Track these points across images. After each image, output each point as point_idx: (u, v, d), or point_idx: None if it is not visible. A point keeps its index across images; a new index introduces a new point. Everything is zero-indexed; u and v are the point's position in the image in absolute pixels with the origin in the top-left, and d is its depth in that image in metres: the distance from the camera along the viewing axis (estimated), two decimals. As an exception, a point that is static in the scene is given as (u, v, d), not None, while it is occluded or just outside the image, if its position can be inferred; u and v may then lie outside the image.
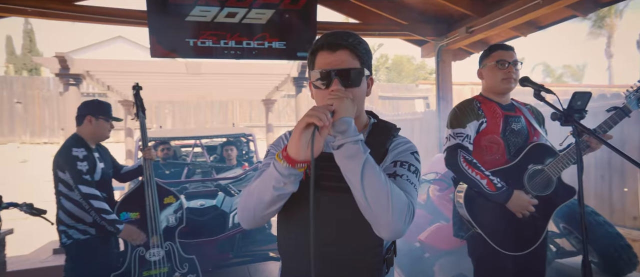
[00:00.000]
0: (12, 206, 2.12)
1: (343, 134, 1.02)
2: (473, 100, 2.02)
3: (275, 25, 3.62)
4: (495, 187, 1.83)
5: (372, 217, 1.01)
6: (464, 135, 1.92)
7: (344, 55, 1.10)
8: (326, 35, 1.14)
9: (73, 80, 4.91)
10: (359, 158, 1.00)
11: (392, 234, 1.01)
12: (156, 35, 3.37)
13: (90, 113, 2.55)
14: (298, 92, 5.83)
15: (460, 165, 1.87)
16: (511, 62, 1.97)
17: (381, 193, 0.99)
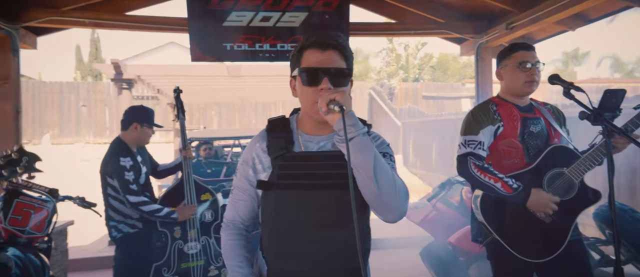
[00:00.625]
0: (67, 199, 2.36)
1: (353, 128, 1.05)
2: (489, 104, 1.96)
3: (309, 27, 3.69)
4: (511, 188, 1.77)
5: (380, 202, 1.06)
6: (475, 142, 1.86)
7: (334, 55, 1.12)
8: (314, 34, 1.15)
9: (126, 85, 5.29)
10: (370, 149, 1.05)
11: (398, 215, 1.08)
12: (196, 40, 3.57)
13: (137, 120, 2.74)
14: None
15: (472, 172, 1.81)
16: (534, 63, 1.88)
17: (389, 179, 1.06)
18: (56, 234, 3.74)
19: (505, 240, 1.82)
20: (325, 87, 1.08)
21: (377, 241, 5.06)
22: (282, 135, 1.17)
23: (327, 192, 1.11)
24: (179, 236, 2.75)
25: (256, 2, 3.58)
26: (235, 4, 3.56)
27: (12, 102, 3.62)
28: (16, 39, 3.64)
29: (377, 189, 1.04)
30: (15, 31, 3.63)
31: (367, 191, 1.07)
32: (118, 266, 2.75)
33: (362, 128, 1.07)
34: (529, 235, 1.80)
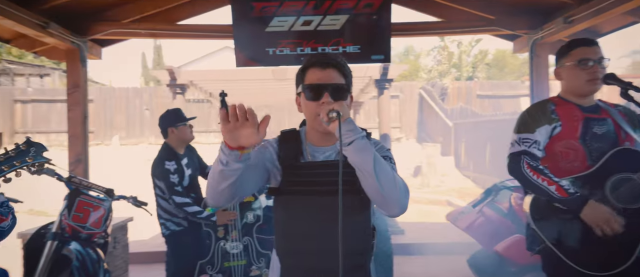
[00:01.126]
0: (122, 198, 2.56)
1: (352, 132, 1.16)
2: (547, 103, 1.84)
3: (350, 30, 3.69)
4: (567, 192, 1.64)
5: (383, 199, 1.16)
6: (531, 141, 1.76)
7: (333, 73, 1.27)
8: (315, 55, 1.36)
9: (179, 90, 5.62)
10: (369, 150, 1.16)
11: (400, 210, 1.19)
12: (240, 46, 3.70)
13: (169, 125, 2.91)
14: (380, 93, 5.81)
15: (524, 172, 1.71)
16: (596, 60, 1.74)
17: (389, 176, 1.16)
18: (118, 229, 4.07)
19: (559, 249, 1.70)
20: (326, 100, 1.22)
21: (423, 246, 4.96)
22: (292, 146, 1.31)
23: (329, 197, 1.21)
24: (222, 236, 2.87)
25: (297, 7, 3.64)
26: (277, 10, 3.64)
27: (81, 108, 3.99)
28: (84, 50, 4.01)
29: (379, 187, 1.14)
30: (84, 43, 3.99)
31: (369, 189, 1.17)
32: (168, 261, 2.93)
33: (360, 132, 1.17)
34: (588, 245, 1.66)
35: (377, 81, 5.73)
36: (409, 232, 5.64)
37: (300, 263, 1.27)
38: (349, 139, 1.15)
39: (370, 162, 1.13)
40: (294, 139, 1.33)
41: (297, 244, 1.27)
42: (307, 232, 1.25)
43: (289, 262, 1.29)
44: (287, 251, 1.29)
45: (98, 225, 2.28)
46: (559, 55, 1.88)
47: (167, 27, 4.09)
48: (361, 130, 1.19)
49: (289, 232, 1.28)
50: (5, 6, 3.03)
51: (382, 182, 1.13)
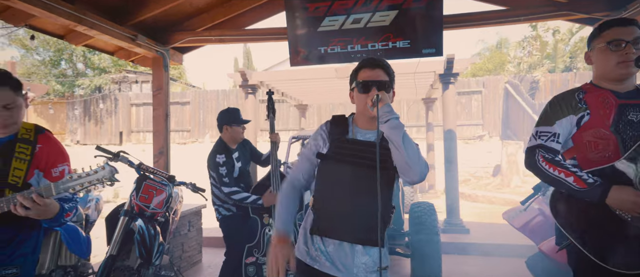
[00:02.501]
0: (182, 184, 2.94)
1: (389, 113, 1.48)
2: (575, 91, 1.71)
3: (399, 25, 3.68)
4: (586, 183, 1.52)
5: (408, 167, 1.45)
6: (549, 134, 1.66)
7: (380, 72, 1.61)
8: (367, 58, 1.66)
9: (251, 90, 6.08)
10: (400, 127, 1.48)
11: (421, 177, 1.46)
12: (294, 47, 3.93)
13: (225, 123, 3.21)
14: (444, 88, 5.61)
15: (540, 165, 1.63)
16: (630, 40, 1.58)
17: (414, 150, 1.47)
18: (193, 215, 4.60)
19: (583, 244, 1.59)
20: (374, 92, 1.54)
21: (487, 246, 4.71)
22: (340, 126, 1.65)
23: (362, 169, 1.54)
24: (267, 222, 3.12)
25: (347, 5, 3.75)
26: (328, 10, 3.79)
27: (163, 107, 4.59)
28: (167, 58, 4.60)
29: (406, 157, 1.44)
30: (167, 52, 4.59)
31: (398, 159, 1.46)
32: (225, 243, 3.27)
33: (395, 114, 1.49)
34: (614, 239, 1.53)
35: (442, 76, 5.55)
36: (475, 232, 5.38)
37: (329, 216, 1.56)
38: (386, 117, 1.47)
39: (400, 136, 1.45)
40: (343, 122, 1.66)
41: (327, 202, 1.57)
42: (339, 194, 1.55)
43: (321, 215, 1.58)
44: (320, 206, 1.59)
45: (160, 206, 2.67)
46: (590, 38, 1.74)
47: (234, 33, 4.50)
48: (396, 113, 1.51)
49: (323, 191, 1.59)
50: (101, 23, 3.65)
51: (408, 153, 1.44)
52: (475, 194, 8.85)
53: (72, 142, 18.38)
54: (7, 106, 1.52)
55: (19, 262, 1.54)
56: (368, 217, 1.50)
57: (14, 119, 1.56)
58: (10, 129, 1.56)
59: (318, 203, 1.60)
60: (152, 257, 2.46)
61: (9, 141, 1.56)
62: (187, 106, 17.27)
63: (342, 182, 1.55)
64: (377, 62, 1.63)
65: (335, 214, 1.55)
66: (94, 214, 3.37)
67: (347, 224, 1.53)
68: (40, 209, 1.40)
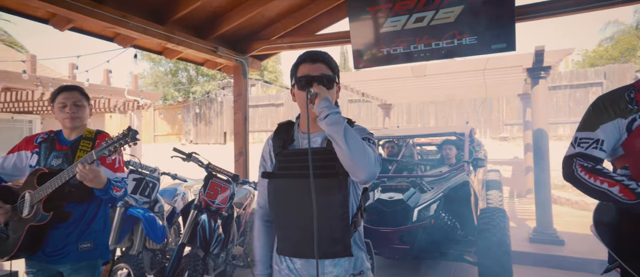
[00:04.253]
0: (245, 183, 3.22)
1: (327, 109, 1.35)
2: (626, 90, 1.47)
3: (465, 20, 3.49)
4: (634, 193, 1.31)
5: (353, 164, 1.31)
6: (590, 141, 1.46)
7: (321, 66, 1.47)
8: (306, 52, 1.50)
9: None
10: (340, 122, 1.33)
11: (368, 176, 1.32)
12: (357, 50, 3.98)
13: None
14: (534, 84, 5.08)
15: (578, 176, 1.43)
16: None
17: (359, 145, 1.32)
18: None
19: (633, 267, 1.39)
20: (316, 89, 1.39)
21: (583, 261, 4.16)
22: (282, 136, 1.54)
23: (305, 179, 1.39)
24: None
25: (409, 5, 3.67)
26: (390, 11, 3.76)
27: (243, 111, 5.03)
28: (245, 66, 5.03)
29: (349, 153, 1.30)
30: (245, 60, 5.02)
31: (342, 157, 1.33)
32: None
33: (334, 108, 1.36)
34: None
35: (530, 70, 5.03)
36: (571, 244, 4.78)
37: (287, 235, 1.48)
38: (324, 114, 1.34)
39: (340, 132, 1.31)
40: (285, 130, 1.55)
41: (282, 220, 1.49)
42: (292, 210, 1.45)
43: (280, 235, 1.51)
44: (277, 226, 1.51)
45: (224, 202, 2.98)
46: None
47: (303, 39, 4.72)
48: (335, 107, 1.38)
49: (276, 210, 1.50)
50: (186, 39, 4.17)
51: (352, 150, 1.30)
52: (585, 200, 7.79)
53: (187, 141, 20.89)
54: (76, 103, 1.95)
55: (92, 237, 1.94)
56: (329, 229, 1.40)
57: (79, 115, 1.95)
58: (76, 124, 1.97)
59: (277, 224, 1.51)
60: (210, 247, 2.77)
61: (76, 140, 1.99)
62: (281, 108, 18.33)
63: (291, 199, 1.45)
64: (317, 55, 1.47)
65: (293, 232, 1.46)
66: (180, 206, 3.87)
67: (307, 240, 1.40)
68: (91, 175, 1.74)
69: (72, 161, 1.90)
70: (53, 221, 1.82)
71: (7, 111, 8.63)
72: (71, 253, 1.89)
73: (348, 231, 1.42)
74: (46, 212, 1.81)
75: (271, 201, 1.51)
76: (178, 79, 23.69)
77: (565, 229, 5.37)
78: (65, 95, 1.94)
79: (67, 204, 1.87)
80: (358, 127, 1.53)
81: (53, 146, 1.96)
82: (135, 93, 8.51)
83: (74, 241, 1.89)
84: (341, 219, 1.41)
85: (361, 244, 1.50)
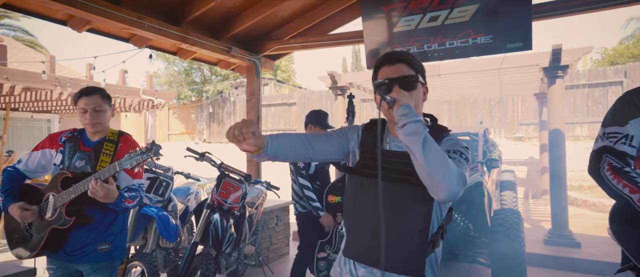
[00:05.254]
0: (257, 182, 3.24)
1: (405, 117, 1.22)
2: None
3: (480, 19, 3.44)
4: None
5: (431, 181, 1.19)
6: (619, 135, 1.39)
7: (402, 67, 1.35)
8: (385, 54, 1.40)
9: (340, 91, 6.26)
10: (419, 133, 1.19)
11: (448, 195, 1.18)
12: (370, 49, 3.96)
13: (311, 122, 3.38)
14: (551, 83, 4.98)
15: (603, 173, 1.38)
16: None
17: (439, 161, 1.18)
18: (281, 210, 4.97)
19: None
20: (395, 92, 1.28)
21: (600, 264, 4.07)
22: (373, 133, 1.43)
23: (394, 184, 1.33)
24: (340, 221, 3.23)
25: (423, 4, 3.64)
26: (404, 10, 3.74)
27: (255, 111, 5.06)
28: (258, 66, 5.06)
29: (426, 167, 1.17)
30: (258, 60, 5.05)
31: (420, 171, 1.20)
32: (299, 237, 3.50)
33: (414, 116, 1.22)
34: None
35: (546, 69, 4.94)
36: (587, 247, 4.68)
37: (357, 238, 1.40)
38: (402, 122, 1.22)
39: (418, 143, 1.18)
40: (377, 128, 1.41)
41: (355, 221, 1.41)
42: (368, 211, 1.35)
43: (350, 236, 1.44)
44: (350, 224, 1.44)
45: (236, 201, 3.00)
46: None
47: (316, 39, 4.72)
48: (416, 115, 1.23)
49: (353, 208, 1.42)
50: (200, 39, 4.21)
51: (430, 164, 1.17)
52: (602, 202, 7.62)
53: (200, 141, 21.11)
54: (96, 109, 1.95)
55: (110, 239, 1.98)
56: (404, 241, 1.30)
57: (99, 120, 1.97)
58: (97, 129, 2.00)
59: (347, 223, 1.45)
60: (222, 246, 2.80)
61: (99, 142, 2.02)
62: (293, 107, 18.37)
63: (370, 200, 1.35)
64: (396, 55, 1.36)
65: (365, 237, 1.37)
66: (193, 205, 3.91)
67: (378, 248, 1.32)
68: (101, 192, 1.76)
69: (95, 164, 1.94)
70: (75, 224, 1.86)
71: (27, 110, 8.86)
72: (90, 253, 1.93)
73: (425, 249, 1.32)
74: (68, 217, 1.85)
75: (347, 200, 1.45)
76: (192, 78, 23.96)
77: (582, 231, 5.26)
78: (86, 101, 1.96)
79: (89, 208, 1.90)
80: (451, 137, 1.39)
81: (77, 146, 1.99)
82: (150, 93, 8.63)
83: (93, 242, 1.94)
84: (420, 235, 1.31)
85: (436, 268, 1.39)
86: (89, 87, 2.04)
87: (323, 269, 3.28)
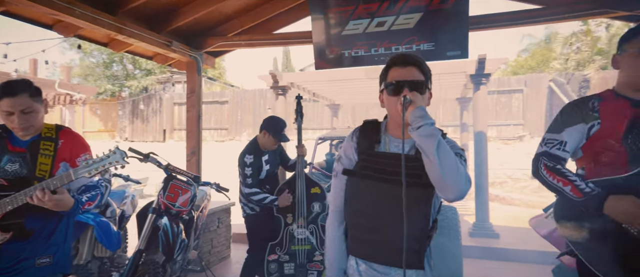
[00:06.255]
0: (206, 184, 3.10)
1: (421, 119, 1.28)
2: (591, 99, 1.65)
3: (424, 27, 3.66)
4: (582, 192, 1.49)
5: (443, 182, 1.26)
6: (555, 141, 1.63)
7: (413, 70, 1.39)
8: (397, 55, 1.45)
9: (281, 91, 6.22)
10: (435, 135, 1.27)
11: (458, 195, 1.27)
12: (318, 50, 4.01)
13: (266, 128, 3.31)
14: (476, 89, 5.46)
15: (542, 173, 1.61)
16: None
17: (452, 162, 1.26)
18: (222, 212, 4.81)
19: (583, 253, 1.56)
20: (407, 94, 1.34)
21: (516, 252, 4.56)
22: (370, 135, 1.47)
23: (392, 185, 1.37)
24: (290, 222, 3.22)
25: (371, 9, 3.77)
26: (352, 14, 3.84)
27: (196, 109, 4.83)
28: (200, 62, 4.83)
29: (440, 170, 1.24)
30: (200, 56, 4.82)
31: (432, 172, 1.27)
32: (248, 239, 3.42)
33: (429, 119, 1.29)
34: (614, 251, 1.49)
35: (473, 76, 5.41)
36: (505, 237, 5.22)
37: (361, 237, 1.45)
38: (417, 124, 1.27)
39: (433, 146, 1.24)
40: (373, 129, 1.49)
41: (358, 221, 1.45)
42: (369, 212, 1.41)
43: (354, 234, 1.48)
44: (351, 225, 1.48)
45: (185, 204, 2.84)
46: (621, 41, 1.64)
47: (262, 37, 4.65)
48: (431, 118, 1.30)
49: (355, 209, 1.46)
50: (139, 31, 3.91)
51: (443, 166, 1.24)
52: (511, 196, 8.53)
53: (121, 139, 19.55)
54: (24, 111, 1.67)
55: (51, 251, 1.73)
56: (401, 238, 1.33)
57: (30, 123, 1.70)
58: (29, 131, 1.74)
59: (349, 223, 1.49)
60: (174, 253, 2.63)
61: (33, 140, 1.74)
62: (225, 105, 17.83)
63: (371, 201, 1.41)
64: (409, 58, 1.40)
65: (366, 235, 1.43)
66: (130, 210, 3.62)
67: (379, 245, 1.40)
68: (50, 204, 1.55)
69: (32, 168, 1.68)
70: (12, 239, 1.61)
71: None
72: (27, 270, 1.67)
73: (424, 244, 1.40)
74: (4, 232, 1.59)
75: (349, 200, 1.47)
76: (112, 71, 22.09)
77: (498, 223, 5.85)
78: (10, 103, 1.65)
79: (29, 219, 1.64)
80: (449, 140, 1.44)
81: (4, 147, 1.70)
82: (67, 86, 7.79)
83: (30, 256, 1.68)
84: (421, 231, 1.37)
85: (429, 259, 1.46)
86: (11, 83, 1.70)
87: (274, 271, 3.25)
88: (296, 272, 3.22)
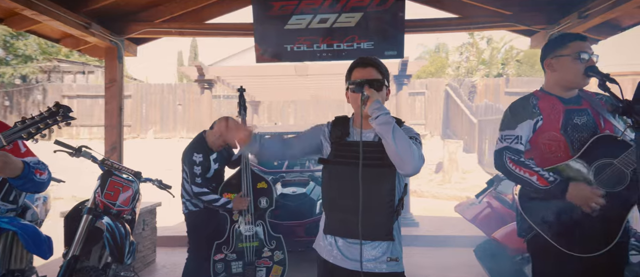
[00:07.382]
0: (148, 181, 2.83)
1: (378, 110, 1.54)
2: (530, 97, 1.92)
3: (364, 26, 3.83)
4: (547, 181, 1.74)
5: (400, 160, 1.50)
6: (512, 137, 1.86)
7: (372, 71, 1.66)
8: (359, 58, 1.71)
9: (207, 85, 5.94)
10: (390, 122, 1.52)
11: (413, 170, 1.51)
12: (260, 43, 3.93)
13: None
14: (398, 89, 5.90)
15: (508, 167, 1.82)
16: (591, 54, 1.82)
17: (406, 143, 1.51)
18: (147, 213, 4.41)
19: (547, 233, 1.79)
20: (367, 91, 1.59)
21: (436, 238, 5.04)
22: (340, 128, 1.71)
23: (363, 167, 1.58)
24: (237, 219, 3.11)
25: (314, 5, 3.82)
26: (295, 9, 3.84)
27: (117, 101, 4.35)
28: (121, 48, 4.36)
29: (396, 149, 1.49)
30: (121, 42, 4.35)
31: (391, 153, 1.52)
32: (188, 239, 3.20)
33: (384, 110, 1.55)
34: (574, 229, 1.74)
35: (396, 77, 5.82)
36: (424, 225, 5.72)
37: (337, 215, 1.66)
38: (375, 114, 1.53)
39: (389, 131, 1.50)
40: (343, 123, 1.73)
41: (334, 201, 1.67)
42: (343, 193, 1.63)
43: (329, 214, 1.70)
44: (328, 205, 1.70)
45: (126, 203, 2.56)
46: (552, 47, 1.92)
47: (195, 26, 4.38)
48: (386, 109, 1.56)
49: (330, 192, 1.69)
50: (53, 8, 3.39)
51: (399, 146, 1.49)
52: (421, 189, 9.37)
53: (-8, 137, 16.57)
54: None
55: None
56: (373, 214, 1.57)
57: None
58: None
59: (326, 206, 1.71)
60: (124, 256, 2.35)
61: None
62: (128, 100, 16.26)
63: (342, 184, 1.62)
64: (368, 61, 1.68)
65: (341, 214, 1.63)
66: (42, 213, 3.12)
67: (352, 223, 1.58)
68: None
69: None
70: None
71: None
72: None
73: (391, 217, 1.61)
74: None
75: (324, 186, 1.70)
76: (-23, 57, 18.50)
77: (417, 214, 6.40)
78: None
79: None
80: (406, 127, 1.69)
81: None
82: None
83: None
84: (387, 206, 1.59)
85: (398, 233, 1.67)
86: None
87: (221, 271, 3.11)
88: (244, 270, 3.12)
